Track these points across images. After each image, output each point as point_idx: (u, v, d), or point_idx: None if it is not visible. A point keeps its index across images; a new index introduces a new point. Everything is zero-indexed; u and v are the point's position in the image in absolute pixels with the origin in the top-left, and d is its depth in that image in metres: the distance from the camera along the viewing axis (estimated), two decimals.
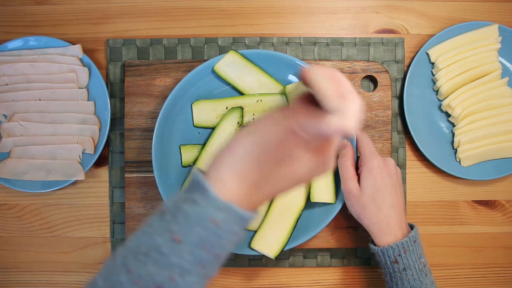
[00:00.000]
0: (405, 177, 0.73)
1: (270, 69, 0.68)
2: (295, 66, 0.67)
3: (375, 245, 0.61)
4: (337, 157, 0.64)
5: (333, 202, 0.65)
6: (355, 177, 0.62)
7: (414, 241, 0.58)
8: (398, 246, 0.58)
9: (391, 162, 0.62)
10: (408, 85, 0.70)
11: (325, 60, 0.72)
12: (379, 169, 0.60)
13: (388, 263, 0.58)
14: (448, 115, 0.71)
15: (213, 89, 0.68)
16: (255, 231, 0.66)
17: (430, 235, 0.73)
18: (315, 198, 0.65)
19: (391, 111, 0.70)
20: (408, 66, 0.72)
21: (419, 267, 0.58)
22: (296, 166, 0.44)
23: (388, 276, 0.59)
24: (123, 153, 0.71)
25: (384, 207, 0.59)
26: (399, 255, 0.58)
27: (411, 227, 0.61)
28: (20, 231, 0.72)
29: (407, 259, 0.58)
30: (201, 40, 0.72)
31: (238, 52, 0.67)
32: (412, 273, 0.57)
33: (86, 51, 0.71)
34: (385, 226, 0.59)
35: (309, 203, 0.67)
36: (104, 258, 0.72)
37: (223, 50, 0.72)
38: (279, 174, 0.43)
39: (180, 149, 0.67)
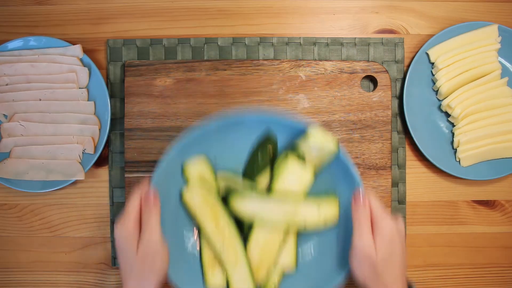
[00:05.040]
0: (405, 177, 0.72)
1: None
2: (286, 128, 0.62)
3: None
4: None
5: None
6: (371, 235, 0.55)
7: None
8: None
9: (401, 226, 0.57)
10: (408, 85, 0.70)
11: (325, 60, 0.72)
12: (395, 235, 0.55)
13: None
14: (448, 115, 0.71)
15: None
16: None
17: (430, 235, 0.73)
18: None
19: (391, 111, 0.70)
20: (408, 66, 0.72)
21: None
22: None
23: None
24: (123, 153, 0.71)
25: (392, 280, 0.54)
26: None
27: (409, 286, 0.57)
28: (20, 231, 0.72)
29: None
30: (201, 40, 0.72)
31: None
32: None
33: (86, 51, 0.71)
34: None
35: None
36: (104, 258, 0.72)
37: (223, 50, 0.72)
38: None
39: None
